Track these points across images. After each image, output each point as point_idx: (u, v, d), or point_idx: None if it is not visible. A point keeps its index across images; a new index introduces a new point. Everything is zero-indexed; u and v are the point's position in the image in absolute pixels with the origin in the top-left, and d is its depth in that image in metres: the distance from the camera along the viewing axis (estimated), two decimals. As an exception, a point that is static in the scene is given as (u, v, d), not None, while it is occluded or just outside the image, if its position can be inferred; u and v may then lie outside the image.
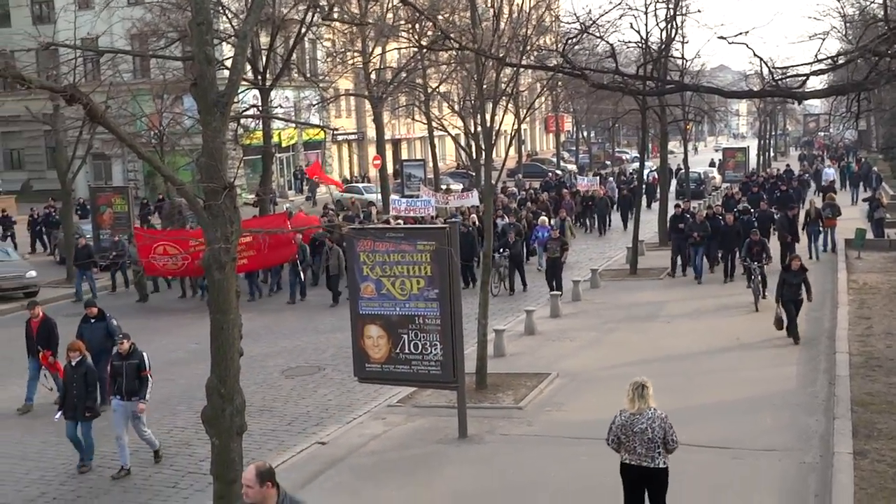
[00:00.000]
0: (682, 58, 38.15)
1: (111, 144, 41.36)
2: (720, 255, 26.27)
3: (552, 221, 30.36)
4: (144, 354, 13.50)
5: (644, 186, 36.27)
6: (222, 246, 8.88)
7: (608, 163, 76.17)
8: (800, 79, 14.97)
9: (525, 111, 34.67)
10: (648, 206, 43.02)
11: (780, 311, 18.23)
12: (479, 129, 30.50)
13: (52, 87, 8.52)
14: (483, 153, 17.13)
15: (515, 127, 25.75)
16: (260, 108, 31.72)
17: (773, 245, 25.17)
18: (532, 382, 16.25)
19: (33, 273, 27.50)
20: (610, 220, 39.56)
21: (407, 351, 13.63)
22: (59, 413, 13.38)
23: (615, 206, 41.76)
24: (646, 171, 52.40)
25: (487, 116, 16.82)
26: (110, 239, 29.02)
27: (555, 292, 22.89)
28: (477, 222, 28.53)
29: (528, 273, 26.96)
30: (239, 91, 9.22)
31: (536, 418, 14.41)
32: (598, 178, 48.09)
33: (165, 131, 32.63)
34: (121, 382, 13.21)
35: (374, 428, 14.48)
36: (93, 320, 16.17)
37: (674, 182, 48.12)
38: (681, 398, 14.21)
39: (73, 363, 13.31)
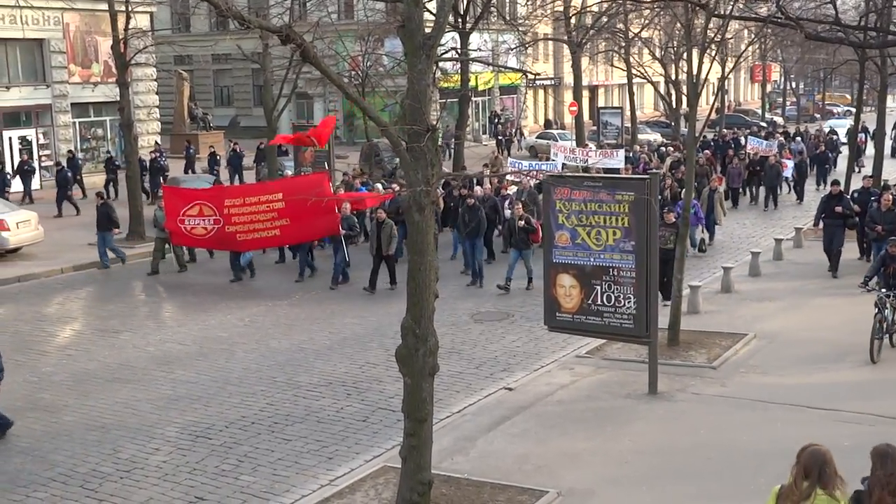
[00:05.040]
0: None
1: (314, 84, 42.57)
2: None
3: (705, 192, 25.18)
4: None
5: (851, 145, 33.54)
6: (423, 188, 8.95)
7: (817, 116, 72.39)
8: None
9: (732, 61, 33.28)
10: (856, 169, 33.33)
11: None
12: (682, 77, 29.57)
13: (270, 27, 8.75)
14: (684, 103, 16.54)
15: (720, 76, 24.58)
16: (459, 52, 31.89)
17: None
18: (727, 342, 15.77)
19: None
20: (780, 191, 32.28)
21: (599, 302, 13.47)
22: None
23: (808, 170, 34.71)
24: (843, 129, 47.50)
25: (693, 65, 16.21)
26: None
27: (666, 302, 16.82)
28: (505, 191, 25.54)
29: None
30: (440, 33, 9.20)
31: (730, 379, 14.00)
32: (778, 141, 40.05)
33: (368, 72, 33.28)
34: None
35: (561, 377, 14.45)
36: None
37: (888, 142, 42.72)
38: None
39: None
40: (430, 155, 9.04)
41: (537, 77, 34.77)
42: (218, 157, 38.84)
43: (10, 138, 36.39)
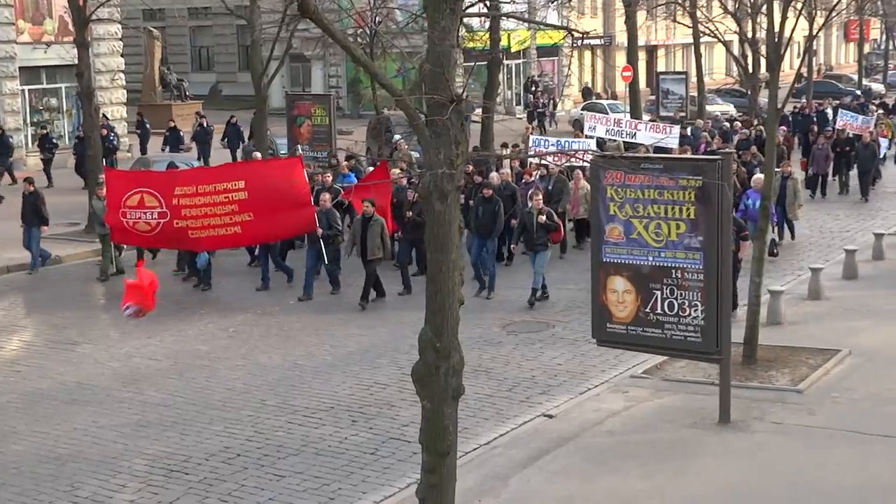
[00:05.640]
0: None
1: (311, 44, 42.75)
2: None
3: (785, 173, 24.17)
4: None
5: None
6: (446, 171, 8.96)
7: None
8: None
9: (823, 16, 33.07)
10: None
11: None
12: (761, 35, 29.43)
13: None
14: (763, 67, 16.47)
15: (807, 34, 24.41)
16: (488, 5, 31.90)
17: None
18: (816, 360, 15.72)
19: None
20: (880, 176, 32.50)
21: (659, 311, 13.44)
22: None
23: None
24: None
25: (775, 20, 16.15)
26: (309, 154, 29.58)
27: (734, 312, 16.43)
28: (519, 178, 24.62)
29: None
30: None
31: (820, 405, 13.96)
32: (876, 115, 39.19)
33: (376, 30, 33.35)
34: None
35: (612, 402, 14.45)
36: None
37: None
38: None
39: None
40: (454, 131, 9.04)
41: (585, 36, 34.85)
42: (181, 133, 38.76)
43: (-56, 110, 36.68)
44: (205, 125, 38.52)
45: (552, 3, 40.88)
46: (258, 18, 28.81)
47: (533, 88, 56.11)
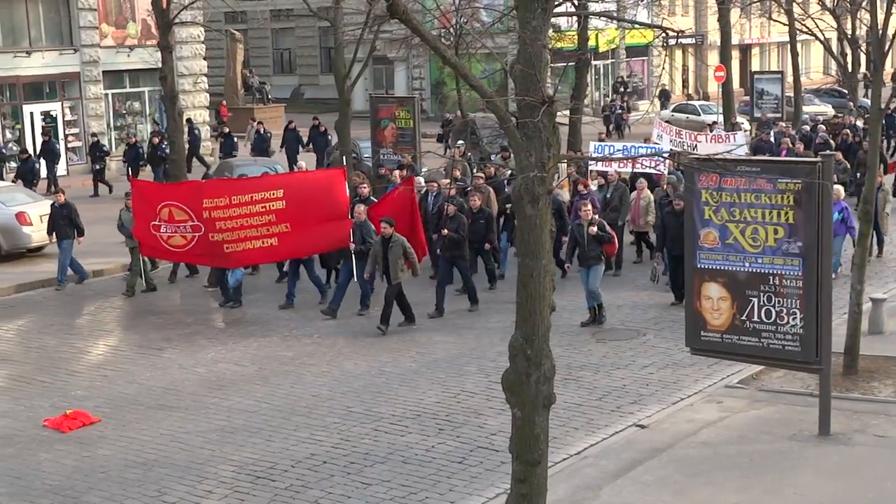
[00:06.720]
0: None
1: (395, 46, 43.04)
2: None
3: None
4: None
5: None
6: (537, 174, 9.02)
7: None
8: None
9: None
10: None
11: None
12: (862, 31, 28.96)
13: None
14: (863, 65, 16.22)
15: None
16: (576, 3, 31.87)
17: None
18: (920, 371, 15.49)
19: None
20: None
21: (756, 319, 13.34)
22: None
23: None
24: None
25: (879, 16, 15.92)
26: (393, 160, 29.59)
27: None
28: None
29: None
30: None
31: (925, 419, 13.74)
32: None
33: (462, 30, 33.40)
34: None
35: (706, 413, 14.36)
36: None
37: None
38: None
39: None
40: (545, 133, 9.12)
41: (680, 35, 34.48)
42: (268, 136, 38.72)
43: (31, 114, 37.58)
44: (262, 132, 38.48)
45: (642, 1, 40.63)
46: (341, 20, 29.05)
47: (622, 89, 55.84)
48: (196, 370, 17.23)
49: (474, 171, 27.29)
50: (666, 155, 20.94)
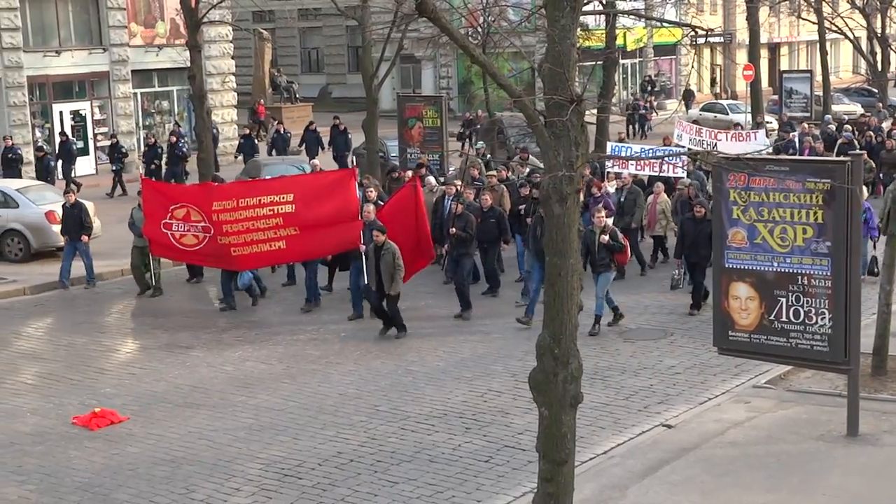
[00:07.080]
0: None
1: (422, 45, 43.12)
2: None
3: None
4: None
5: None
6: (565, 174, 9.03)
7: None
8: None
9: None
10: None
11: None
12: (892, 30, 28.80)
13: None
14: (894, 64, 16.16)
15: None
16: (605, 2, 31.83)
17: None
18: (951, 372, 15.39)
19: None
20: None
21: (784, 319, 13.30)
22: None
23: None
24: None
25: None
26: (415, 160, 29.49)
27: None
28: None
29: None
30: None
31: (955, 420, 13.67)
32: None
33: (490, 29, 33.44)
34: None
35: (734, 413, 14.33)
36: None
37: None
38: None
39: None
40: (574, 132, 9.13)
41: (708, 33, 34.28)
42: (288, 136, 38.67)
43: (60, 112, 37.87)
44: (281, 131, 38.50)
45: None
46: (369, 19, 29.11)
47: (649, 88, 55.67)
48: (224, 368, 17.32)
49: (495, 168, 27.20)
50: (695, 155, 20.49)
